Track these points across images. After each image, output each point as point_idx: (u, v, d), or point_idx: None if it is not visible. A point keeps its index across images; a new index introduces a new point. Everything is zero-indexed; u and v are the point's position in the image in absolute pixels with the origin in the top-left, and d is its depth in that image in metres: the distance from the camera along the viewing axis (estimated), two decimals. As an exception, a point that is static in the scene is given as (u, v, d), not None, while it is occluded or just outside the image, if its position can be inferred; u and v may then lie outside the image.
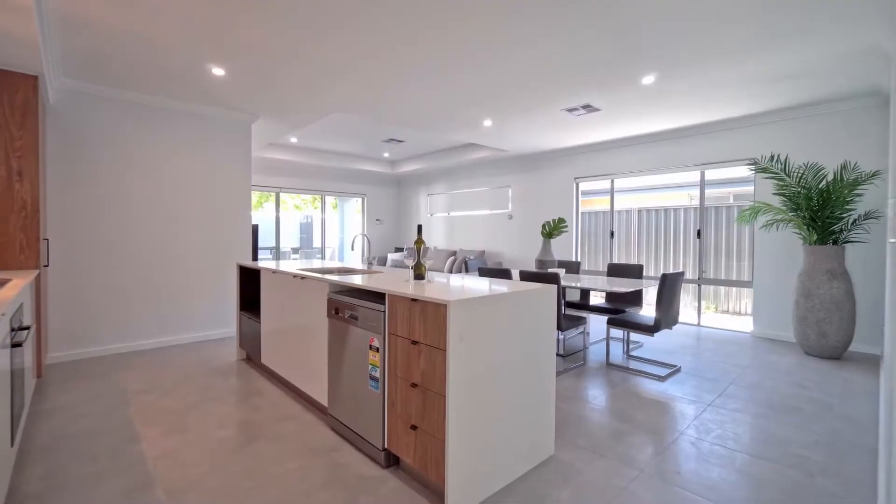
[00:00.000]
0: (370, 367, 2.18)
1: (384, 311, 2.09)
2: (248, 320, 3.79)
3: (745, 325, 5.45)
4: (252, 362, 3.86)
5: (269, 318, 3.37)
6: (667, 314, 3.52)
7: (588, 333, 4.69)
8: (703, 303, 5.68)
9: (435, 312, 1.79)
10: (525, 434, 2.08)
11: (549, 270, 4.33)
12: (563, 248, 6.93)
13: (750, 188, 5.74)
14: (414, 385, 1.90)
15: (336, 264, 3.69)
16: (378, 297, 2.24)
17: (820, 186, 4.07)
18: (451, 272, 7.89)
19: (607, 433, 2.51)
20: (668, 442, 2.40)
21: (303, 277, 2.85)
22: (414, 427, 1.91)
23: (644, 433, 2.51)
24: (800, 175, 4.21)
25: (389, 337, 2.07)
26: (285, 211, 11.36)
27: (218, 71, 3.64)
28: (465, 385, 1.79)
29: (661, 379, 3.45)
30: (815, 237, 4.08)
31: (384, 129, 6.33)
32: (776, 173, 4.31)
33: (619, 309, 4.23)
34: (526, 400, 2.08)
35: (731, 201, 6.48)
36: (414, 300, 1.91)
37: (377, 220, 9.87)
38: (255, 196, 9.75)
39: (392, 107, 4.61)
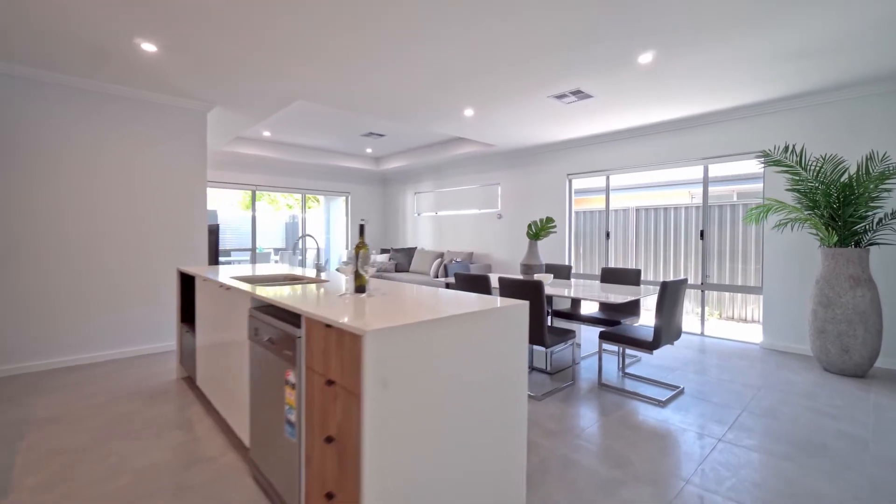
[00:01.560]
0: (286, 407, 1.69)
1: (301, 338, 1.61)
2: (186, 334, 3.30)
3: (753, 334, 4.97)
4: (192, 382, 3.37)
5: (202, 333, 2.88)
6: (668, 328, 3.04)
7: (579, 345, 4.21)
8: (705, 309, 5.20)
9: (351, 344, 1.30)
10: (483, 495, 1.59)
11: (535, 276, 3.85)
12: (555, 250, 6.45)
13: (756, 185, 5.26)
14: (329, 439, 1.42)
15: (284, 270, 3.20)
16: (298, 317, 1.75)
17: (842, 180, 3.59)
18: (436, 276, 7.40)
19: (596, 483, 2.02)
20: (672, 496, 1.92)
21: (228, 288, 2.36)
22: (329, 496, 1.42)
23: (641, 483, 2.02)
24: (817, 168, 3.73)
25: (307, 371, 1.58)
26: (278, 210, 10.90)
27: (148, 47, 3.15)
28: (393, 441, 1.30)
29: (662, 404, 2.96)
30: (836, 238, 3.60)
31: (362, 121, 5.85)
32: (790, 166, 3.82)
33: (614, 320, 3.75)
34: (485, 450, 1.59)
35: (735, 199, 6.01)
36: (329, 326, 1.42)
37: (362, 219, 9.38)
38: (241, 195, 9.24)
39: (362, 93, 4.13)
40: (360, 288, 1.99)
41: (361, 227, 1.98)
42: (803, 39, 2.98)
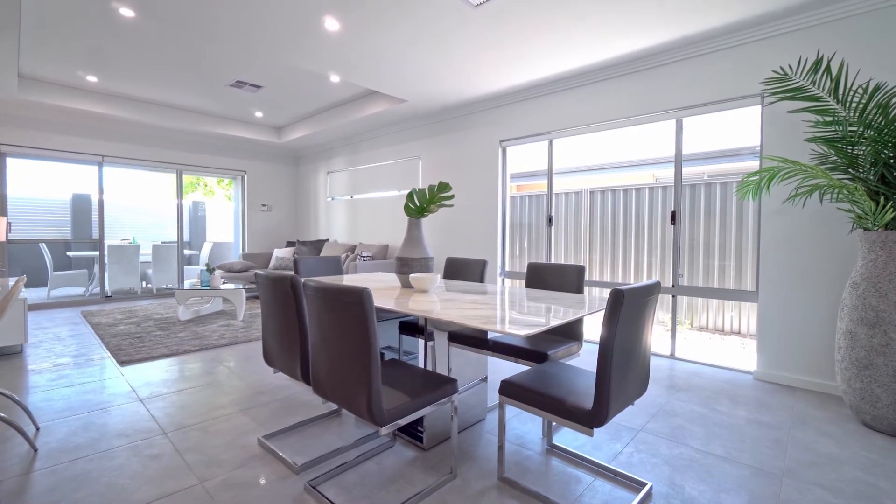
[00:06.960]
0: None
1: None
2: None
3: (741, 356, 3.60)
4: None
5: None
6: (622, 381, 1.53)
7: (486, 382, 2.69)
8: (675, 317, 3.80)
9: None
10: None
11: (413, 276, 2.29)
12: (484, 242, 4.93)
13: (734, 165, 3.94)
14: None
15: None
16: None
17: (905, 119, 2.21)
18: (346, 273, 5.74)
19: None
20: None
21: None
22: None
23: None
24: (861, 106, 2.34)
25: None
26: (210, 197, 8.90)
27: None
28: None
29: (610, 542, 1.45)
30: (891, 214, 2.21)
31: (214, 59, 4.12)
32: (818, 99, 2.42)
33: (539, 351, 2.22)
34: None
35: (706, 179, 4.68)
36: None
37: (263, 205, 7.58)
38: (167, 179, 7.21)
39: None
40: None
41: None
42: None
